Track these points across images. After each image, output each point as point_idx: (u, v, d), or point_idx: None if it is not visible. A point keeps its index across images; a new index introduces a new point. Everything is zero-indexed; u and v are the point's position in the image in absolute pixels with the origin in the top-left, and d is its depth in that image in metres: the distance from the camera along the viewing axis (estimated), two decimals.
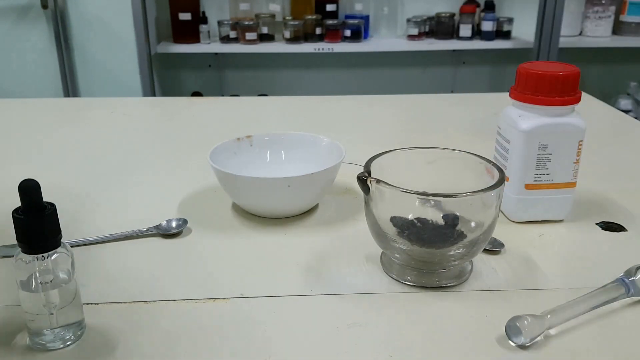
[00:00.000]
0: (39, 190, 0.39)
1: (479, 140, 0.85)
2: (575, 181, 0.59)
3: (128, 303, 0.47)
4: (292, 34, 2.24)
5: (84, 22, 2.27)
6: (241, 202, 0.62)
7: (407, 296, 0.48)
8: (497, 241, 0.55)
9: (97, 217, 0.63)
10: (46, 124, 0.97)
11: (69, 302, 0.41)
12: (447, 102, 1.12)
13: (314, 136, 0.69)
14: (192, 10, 2.25)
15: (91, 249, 0.56)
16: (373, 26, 2.40)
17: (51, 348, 0.42)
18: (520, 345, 0.42)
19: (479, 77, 2.55)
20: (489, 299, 0.48)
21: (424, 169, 0.54)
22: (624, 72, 2.50)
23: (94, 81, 2.35)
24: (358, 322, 0.45)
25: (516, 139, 0.57)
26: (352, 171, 0.56)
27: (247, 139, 0.69)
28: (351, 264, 0.53)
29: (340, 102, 1.11)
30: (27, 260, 0.40)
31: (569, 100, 0.56)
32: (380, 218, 0.48)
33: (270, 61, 2.46)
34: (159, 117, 1.05)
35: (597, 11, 2.29)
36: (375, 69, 2.51)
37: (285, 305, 0.47)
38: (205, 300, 0.48)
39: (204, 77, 2.50)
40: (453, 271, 0.50)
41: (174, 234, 0.58)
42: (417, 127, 0.96)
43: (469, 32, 2.29)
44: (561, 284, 0.50)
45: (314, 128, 0.92)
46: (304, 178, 0.58)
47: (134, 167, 0.78)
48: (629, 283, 0.47)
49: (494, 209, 0.47)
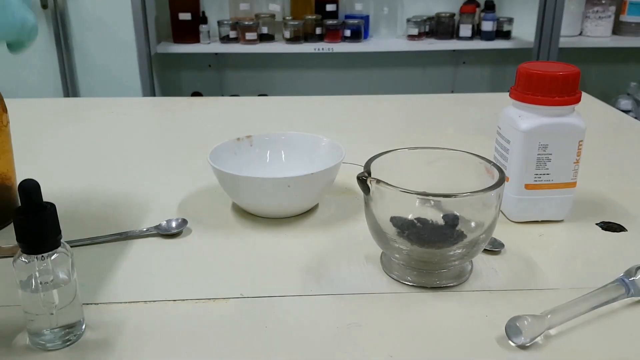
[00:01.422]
0: (39, 190, 0.39)
1: (479, 140, 0.85)
2: (575, 181, 0.59)
3: (128, 303, 0.47)
4: (292, 34, 2.24)
5: (84, 22, 2.27)
6: (241, 202, 0.62)
7: (407, 296, 0.48)
8: (497, 241, 0.55)
9: (98, 217, 0.63)
10: (46, 124, 0.97)
11: (69, 302, 0.41)
12: (447, 102, 1.12)
13: (314, 136, 0.69)
14: (192, 10, 2.25)
15: (91, 249, 0.56)
16: (373, 26, 2.40)
17: (51, 348, 0.42)
18: (520, 345, 0.42)
19: (479, 77, 2.55)
20: (489, 299, 0.48)
21: (424, 169, 0.54)
22: (624, 72, 2.50)
23: (94, 81, 2.35)
24: (358, 322, 0.45)
25: (516, 139, 0.57)
26: (352, 171, 0.56)
27: (247, 139, 0.69)
28: (351, 264, 0.53)
29: (340, 102, 1.11)
30: (27, 260, 0.40)
31: (569, 100, 0.56)
32: (380, 218, 0.48)
33: (270, 61, 2.47)
34: (159, 117, 1.05)
35: (597, 11, 2.29)
36: (375, 69, 2.51)
37: (285, 305, 0.47)
38: (205, 300, 0.48)
39: (204, 77, 2.50)
40: (453, 271, 0.50)
41: (174, 234, 0.58)
42: (417, 127, 0.96)
43: (469, 32, 2.29)
44: (561, 284, 0.50)
45: (314, 128, 0.92)
46: (304, 178, 0.58)
47: (133, 167, 0.78)
48: (629, 283, 0.47)
49: (494, 209, 0.47)
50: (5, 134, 0.58)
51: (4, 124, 0.57)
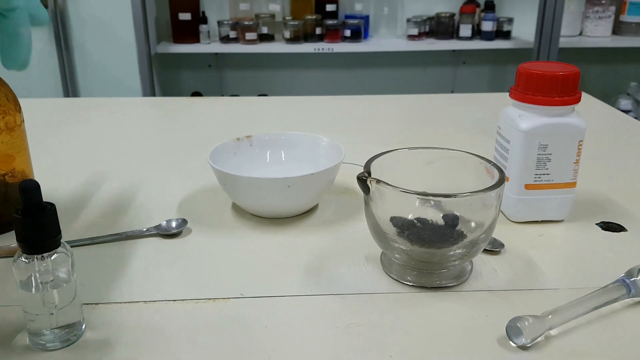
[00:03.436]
0: (39, 190, 0.39)
1: (479, 140, 0.85)
2: (575, 181, 0.59)
3: (128, 303, 0.47)
4: (292, 34, 2.24)
5: (84, 22, 2.27)
6: (241, 202, 0.62)
7: (407, 296, 0.48)
8: (497, 241, 0.55)
9: (97, 217, 0.63)
10: (46, 123, 0.97)
11: (68, 302, 0.41)
12: (447, 102, 1.12)
13: (314, 136, 0.69)
14: (192, 10, 2.25)
15: (91, 249, 0.56)
16: (373, 26, 2.40)
17: (51, 348, 0.42)
18: (521, 345, 0.42)
19: (479, 77, 2.55)
20: (489, 299, 0.48)
21: (424, 169, 0.54)
22: (624, 72, 2.50)
23: (94, 81, 2.35)
24: (358, 322, 0.45)
25: (516, 139, 0.57)
26: (352, 171, 0.56)
27: (247, 139, 0.69)
28: (351, 264, 0.53)
29: (340, 102, 1.11)
30: (27, 260, 0.40)
31: (569, 100, 0.56)
32: (380, 218, 0.48)
33: (270, 61, 2.47)
34: (159, 117, 1.05)
35: (597, 11, 2.29)
36: (375, 69, 2.51)
37: (286, 305, 0.47)
38: (205, 300, 0.48)
39: (204, 77, 2.50)
40: (453, 271, 0.50)
41: (174, 234, 0.58)
42: (417, 127, 0.96)
43: (469, 32, 2.29)
44: (561, 284, 0.50)
45: (314, 128, 0.92)
46: (304, 178, 0.58)
47: (133, 167, 0.78)
48: (630, 283, 0.46)
49: (494, 209, 0.47)
50: (21, 133, 0.58)
51: (18, 123, 0.57)
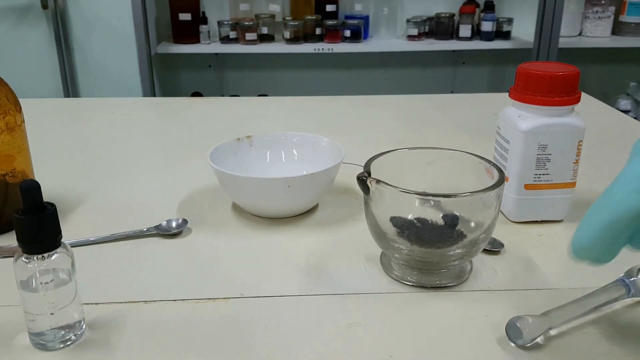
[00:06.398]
0: (39, 190, 0.39)
1: (479, 140, 0.85)
2: (575, 181, 0.59)
3: (128, 303, 0.47)
4: (292, 34, 2.24)
5: (84, 22, 2.27)
6: (241, 202, 0.62)
7: (407, 296, 0.48)
8: (496, 241, 0.55)
9: (97, 217, 0.63)
10: (46, 124, 0.97)
11: (69, 302, 0.41)
12: (447, 102, 1.12)
13: (314, 136, 0.69)
14: (192, 11, 2.25)
15: (91, 249, 0.56)
16: (373, 26, 2.40)
17: (51, 348, 0.42)
18: (521, 345, 0.42)
19: (479, 77, 2.55)
20: (489, 299, 0.48)
21: (424, 169, 0.54)
22: (623, 72, 2.50)
23: (94, 81, 2.35)
24: (358, 322, 0.45)
25: (516, 139, 0.57)
26: (352, 171, 0.56)
27: (247, 139, 0.69)
28: (351, 264, 0.53)
29: (340, 102, 1.11)
30: (27, 260, 0.40)
31: (569, 101, 0.56)
32: (380, 218, 0.48)
33: (270, 61, 2.47)
34: (159, 117, 1.05)
35: (597, 11, 2.29)
36: (375, 69, 2.51)
37: (286, 305, 0.47)
38: (205, 300, 0.48)
39: (204, 78, 2.50)
40: (453, 271, 0.50)
41: (174, 234, 0.58)
42: (417, 127, 0.96)
43: (468, 33, 2.29)
44: (561, 284, 0.50)
45: (314, 128, 0.92)
46: (303, 178, 0.58)
47: (133, 167, 0.78)
48: (629, 283, 0.46)
49: (493, 209, 0.47)
50: (21, 133, 0.58)
51: (18, 123, 0.57)
